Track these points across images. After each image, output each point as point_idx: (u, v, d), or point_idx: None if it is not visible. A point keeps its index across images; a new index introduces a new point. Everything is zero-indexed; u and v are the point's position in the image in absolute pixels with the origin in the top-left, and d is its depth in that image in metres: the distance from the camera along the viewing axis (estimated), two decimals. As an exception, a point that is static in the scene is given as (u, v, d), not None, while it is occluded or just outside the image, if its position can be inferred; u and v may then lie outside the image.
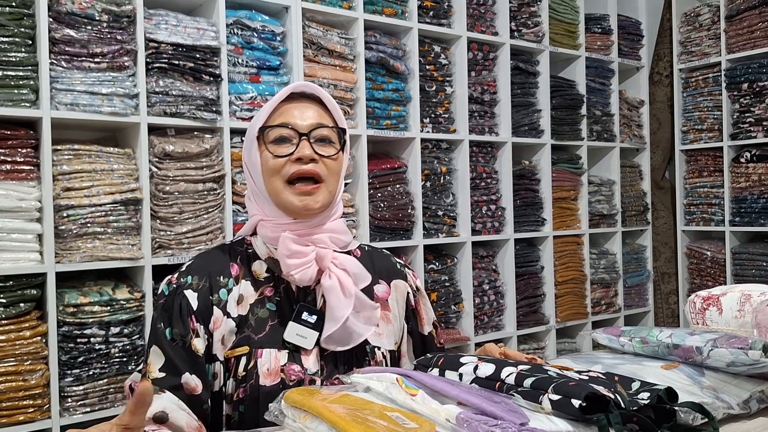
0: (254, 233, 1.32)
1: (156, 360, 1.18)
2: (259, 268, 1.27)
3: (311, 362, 1.21)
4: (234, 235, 2.44)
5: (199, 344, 1.18)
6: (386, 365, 1.29)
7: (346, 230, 1.32)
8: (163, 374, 1.16)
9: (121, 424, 0.86)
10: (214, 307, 1.21)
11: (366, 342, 1.26)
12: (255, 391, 1.17)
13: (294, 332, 1.21)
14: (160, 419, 1.08)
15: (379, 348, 1.29)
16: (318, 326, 1.22)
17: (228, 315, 1.22)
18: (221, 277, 1.24)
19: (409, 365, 1.36)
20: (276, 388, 1.17)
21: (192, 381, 1.16)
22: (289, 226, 1.23)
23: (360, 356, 1.25)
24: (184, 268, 1.27)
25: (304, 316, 1.22)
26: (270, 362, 1.18)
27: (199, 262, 1.27)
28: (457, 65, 3.19)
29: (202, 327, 1.20)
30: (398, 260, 1.43)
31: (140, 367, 1.22)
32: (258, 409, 1.16)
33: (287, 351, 1.20)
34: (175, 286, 1.23)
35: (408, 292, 1.38)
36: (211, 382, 1.20)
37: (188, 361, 1.17)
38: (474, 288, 3.20)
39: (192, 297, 1.21)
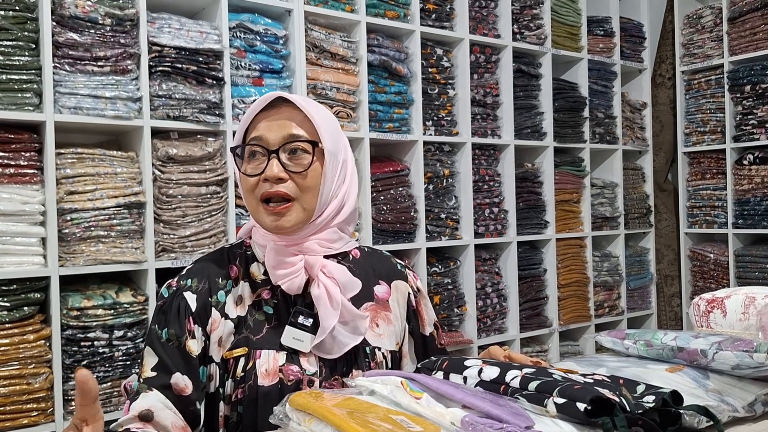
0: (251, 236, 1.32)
1: (149, 360, 1.18)
2: (257, 270, 1.27)
3: (310, 363, 1.21)
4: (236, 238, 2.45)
5: (194, 346, 1.18)
6: (387, 365, 1.29)
7: (341, 236, 1.28)
8: (154, 373, 1.17)
9: (76, 420, 0.87)
10: (213, 309, 1.22)
11: (366, 343, 1.26)
12: (253, 391, 1.17)
13: (290, 336, 1.21)
14: (145, 417, 1.10)
15: (379, 348, 1.28)
16: (314, 329, 1.21)
17: (226, 316, 1.22)
18: (220, 279, 1.25)
19: (411, 366, 1.36)
20: (274, 388, 1.17)
21: (182, 381, 1.16)
22: (275, 237, 1.23)
23: (360, 357, 1.25)
24: (184, 272, 1.27)
25: (300, 319, 1.22)
26: (268, 363, 1.19)
27: (199, 266, 1.28)
28: (459, 68, 3.20)
29: (199, 329, 1.20)
30: (399, 261, 1.42)
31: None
32: (256, 409, 1.17)
33: (285, 352, 1.21)
34: (174, 288, 1.23)
35: (409, 293, 1.37)
36: (206, 384, 1.21)
37: (181, 362, 1.17)
38: (477, 291, 3.20)
39: (191, 299, 1.21)
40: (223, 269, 1.26)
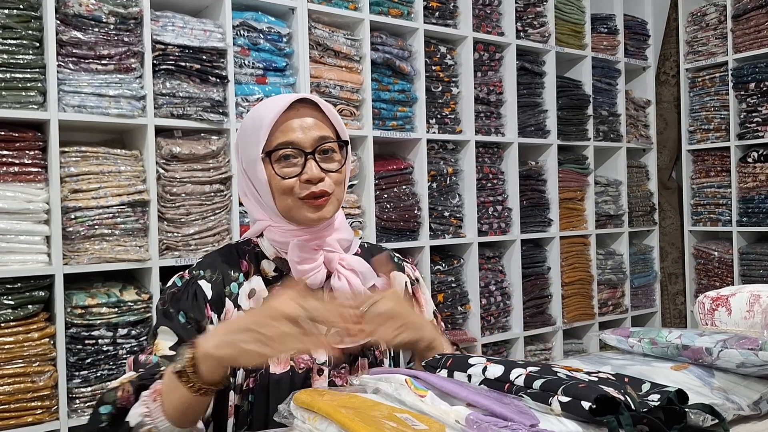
0: (260, 235, 1.32)
1: (167, 338, 1.18)
2: (268, 267, 1.29)
3: (320, 352, 1.23)
4: (240, 237, 2.45)
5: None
6: (390, 355, 1.32)
7: (349, 228, 1.34)
8: (173, 352, 1.16)
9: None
10: (226, 299, 1.23)
11: None
12: (264, 379, 1.19)
13: None
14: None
15: None
16: None
17: (239, 308, 1.23)
18: (232, 272, 1.26)
19: (407, 352, 1.38)
20: (285, 375, 1.19)
21: None
22: (296, 233, 1.25)
23: (365, 347, 1.27)
24: (195, 264, 1.29)
25: None
26: None
27: (210, 259, 1.29)
28: (463, 66, 3.19)
29: (215, 316, 1.22)
30: (396, 255, 1.46)
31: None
32: (267, 397, 1.18)
33: None
34: (188, 278, 1.25)
35: (406, 282, 1.40)
36: None
37: None
38: (480, 289, 3.20)
39: (206, 287, 1.22)
40: (234, 263, 1.28)
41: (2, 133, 2.13)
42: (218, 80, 2.47)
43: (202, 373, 0.99)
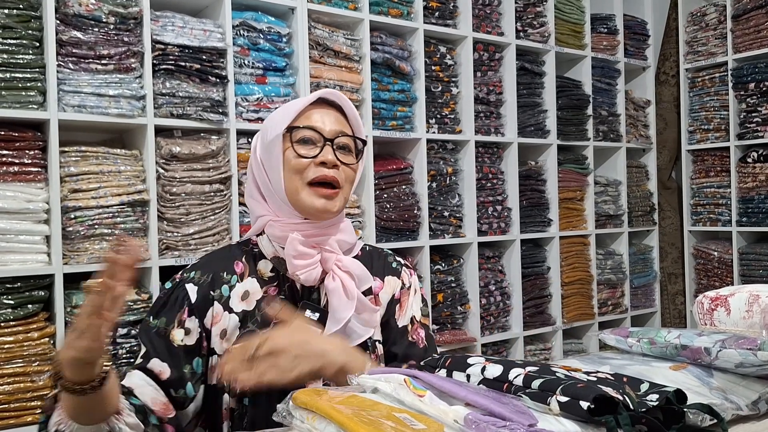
0: (261, 233, 1.33)
1: (142, 350, 1.21)
2: (264, 267, 1.29)
3: None
4: (240, 237, 2.45)
5: (177, 336, 1.20)
6: (385, 358, 1.32)
7: (352, 231, 1.34)
8: (141, 360, 1.20)
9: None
10: (215, 302, 1.23)
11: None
12: None
13: None
14: (127, 393, 1.12)
15: (379, 341, 1.31)
16: (321, 323, 1.24)
17: (230, 310, 1.24)
18: (225, 274, 1.27)
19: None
20: None
21: (158, 366, 1.18)
22: (299, 227, 1.25)
23: (361, 351, 1.26)
24: (189, 266, 1.30)
25: (307, 313, 1.24)
26: None
27: (205, 260, 1.31)
28: (462, 66, 3.19)
29: (195, 320, 1.22)
30: (397, 259, 1.44)
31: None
32: (263, 400, 1.18)
33: None
34: (177, 281, 1.26)
35: (398, 286, 1.39)
36: (209, 376, 1.23)
37: (163, 349, 1.19)
38: (480, 289, 3.20)
39: (192, 290, 1.23)
40: (229, 265, 1.28)
41: (2, 132, 2.13)
42: (218, 80, 2.47)
43: (69, 377, 0.98)
